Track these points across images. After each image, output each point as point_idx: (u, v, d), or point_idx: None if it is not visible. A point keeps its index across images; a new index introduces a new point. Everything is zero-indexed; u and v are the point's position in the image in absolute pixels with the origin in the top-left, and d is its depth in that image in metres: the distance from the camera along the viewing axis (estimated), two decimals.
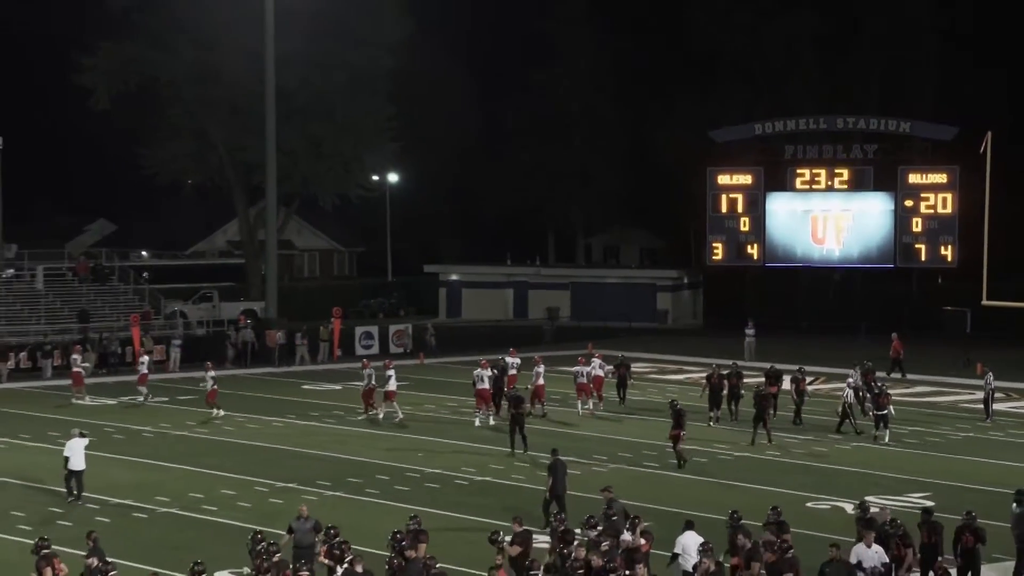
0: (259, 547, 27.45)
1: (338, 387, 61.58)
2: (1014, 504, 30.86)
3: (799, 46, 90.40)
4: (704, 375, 54.25)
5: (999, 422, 52.37)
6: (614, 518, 30.89)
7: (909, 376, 60.45)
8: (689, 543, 31.41)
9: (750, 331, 70.59)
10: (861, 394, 50.96)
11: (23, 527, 35.13)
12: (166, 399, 58.23)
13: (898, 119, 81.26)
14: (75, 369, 59.06)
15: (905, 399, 55.29)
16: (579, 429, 50.51)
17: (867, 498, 33.67)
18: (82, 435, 40.70)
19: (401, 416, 52.23)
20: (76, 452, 40.13)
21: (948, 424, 52.14)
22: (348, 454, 45.68)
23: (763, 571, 28.15)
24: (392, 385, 53.29)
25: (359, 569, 25.63)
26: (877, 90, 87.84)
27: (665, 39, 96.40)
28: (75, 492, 39.57)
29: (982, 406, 52.32)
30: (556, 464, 36.18)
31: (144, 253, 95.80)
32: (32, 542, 28.30)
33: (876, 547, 26.98)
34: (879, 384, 50.43)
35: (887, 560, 26.90)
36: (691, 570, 30.70)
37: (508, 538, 28.48)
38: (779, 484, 41.13)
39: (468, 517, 35.65)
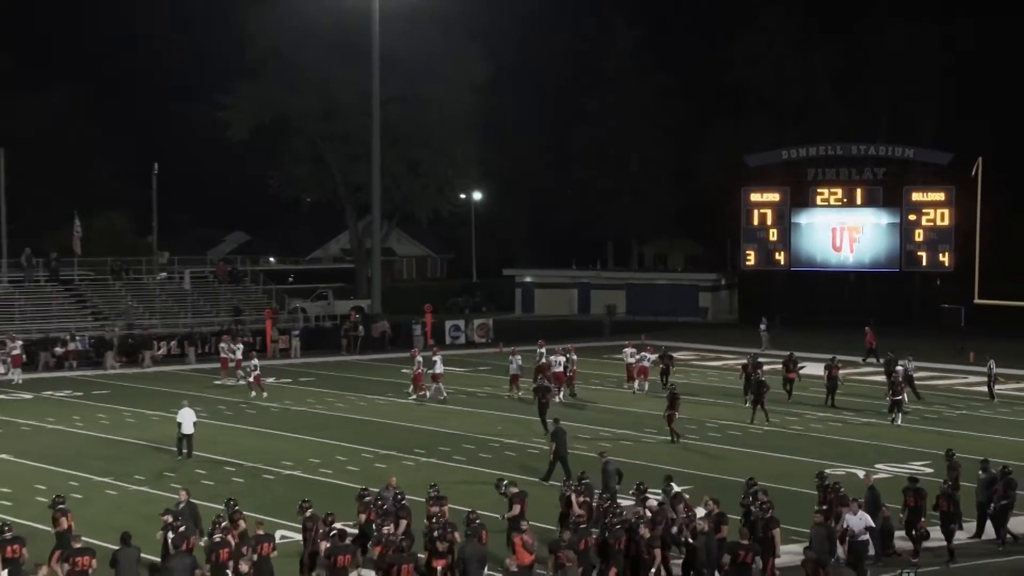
0: (367, 499, 27.98)
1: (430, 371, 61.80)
2: (980, 472, 30.75)
3: (819, 83, 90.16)
4: (740, 363, 53.78)
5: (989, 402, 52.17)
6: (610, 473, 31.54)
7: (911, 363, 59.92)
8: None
9: (763, 327, 70.18)
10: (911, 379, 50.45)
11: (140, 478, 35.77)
12: (289, 380, 58.44)
13: (903, 146, 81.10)
14: (223, 356, 59.49)
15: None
16: (631, 407, 50.36)
17: (877, 465, 33.58)
18: (191, 406, 41.50)
19: (445, 396, 52.26)
20: (186, 419, 40.93)
21: (944, 404, 51.76)
22: (439, 426, 45.70)
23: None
24: (439, 368, 53.35)
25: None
26: (886, 121, 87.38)
27: (705, 76, 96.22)
28: (184, 451, 40.30)
29: (985, 388, 51.95)
30: (558, 431, 36.46)
31: (271, 259, 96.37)
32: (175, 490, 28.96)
33: (861, 513, 26.58)
34: (896, 373, 49.43)
35: (872, 524, 26.50)
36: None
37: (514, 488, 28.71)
38: (801, 454, 40.95)
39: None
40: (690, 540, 26.00)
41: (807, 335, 69.45)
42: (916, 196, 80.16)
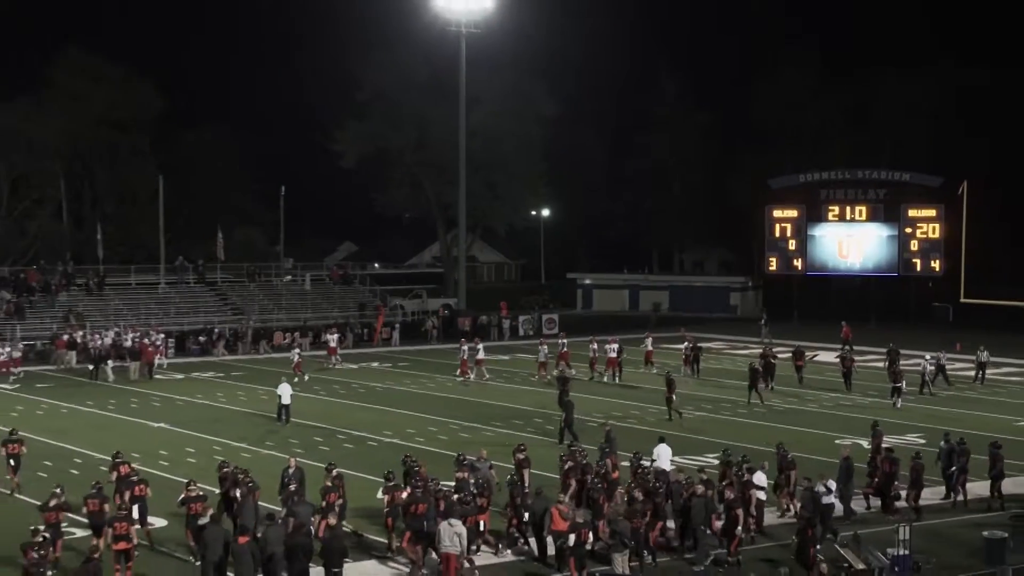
0: (464, 462, 28.17)
1: (507, 357, 61.96)
2: (943, 442, 30.98)
3: (831, 119, 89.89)
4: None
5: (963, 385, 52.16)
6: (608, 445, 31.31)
7: (906, 351, 59.59)
8: (662, 452, 31.53)
9: (763, 322, 71.00)
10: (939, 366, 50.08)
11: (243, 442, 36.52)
12: (390, 365, 58.95)
13: (900, 171, 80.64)
14: (331, 344, 60.30)
15: (907, 369, 54.54)
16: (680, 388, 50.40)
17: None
18: (287, 381, 43.69)
19: (488, 377, 52.74)
20: (285, 392, 42.32)
21: (936, 386, 51.68)
22: (512, 403, 45.93)
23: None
24: (481, 355, 53.91)
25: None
26: (887, 149, 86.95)
27: (735, 114, 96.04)
28: (283, 418, 41.50)
29: (971, 373, 51.63)
30: (567, 403, 37.13)
31: (376, 265, 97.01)
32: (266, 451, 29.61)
33: (829, 480, 26.71)
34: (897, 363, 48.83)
35: (833, 489, 26.57)
36: (667, 467, 30.38)
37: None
38: (816, 427, 41.20)
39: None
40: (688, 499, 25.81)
41: (820, 329, 69.36)
42: (912, 212, 79.75)
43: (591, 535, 24.57)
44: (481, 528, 25.65)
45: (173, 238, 75.68)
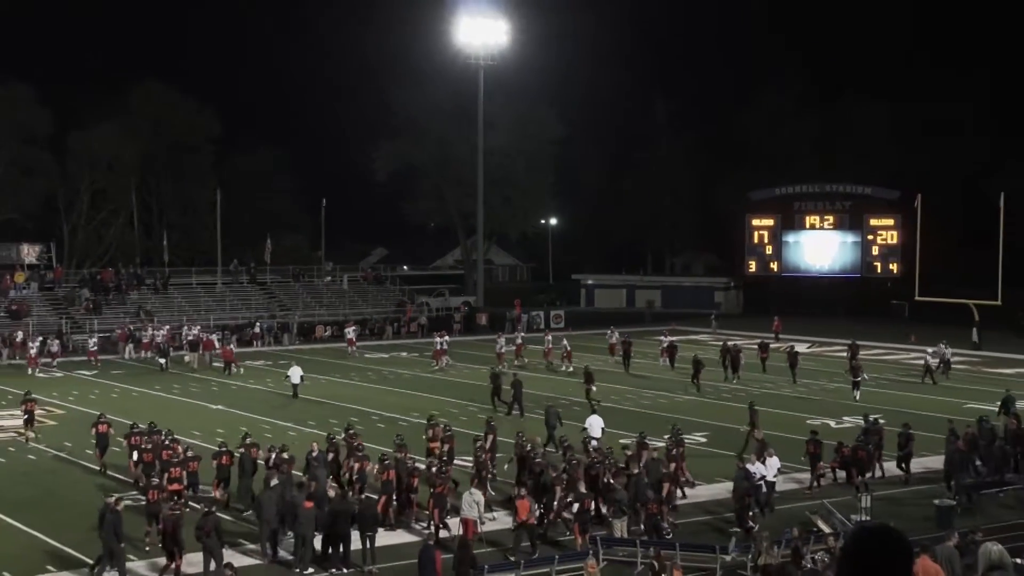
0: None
1: (539, 347, 61.94)
2: (863, 422, 31.61)
3: (804, 140, 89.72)
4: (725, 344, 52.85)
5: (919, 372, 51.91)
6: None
7: (867, 343, 59.41)
8: (594, 423, 32.06)
9: (712, 318, 71.90)
10: (937, 357, 49.15)
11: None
12: (416, 354, 58.93)
13: (863, 186, 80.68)
14: (349, 336, 60.39)
15: (869, 358, 54.49)
16: (658, 373, 50.48)
17: (844, 417, 33.60)
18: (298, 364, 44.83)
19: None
20: (295, 373, 43.59)
21: (893, 373, 51.66)
22: (537, 389, 45.19)
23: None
24: (501, 348, 53.70)
25: None
26: (851, 165, 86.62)
27: (720, 135, 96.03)
28: (295, 396, 42.58)
29: (933, 364, 49.26)
30: (549, 409, 35.34)
31: (405, 267, 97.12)
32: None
33: (769, 460, 26.53)
34: (858, 358, 48.29)
35: (765, 473, 26.31)
36: (598, 436, 31.03)
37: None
38: (791, 408, 41.22)
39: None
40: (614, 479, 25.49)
41: (793, 323, 69.30)
42: (873, 222, 79.81)
43: (592, 504, 24.64)
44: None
45: (228, 244, 75.81)
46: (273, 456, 27.04)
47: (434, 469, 25.64)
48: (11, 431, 36.92)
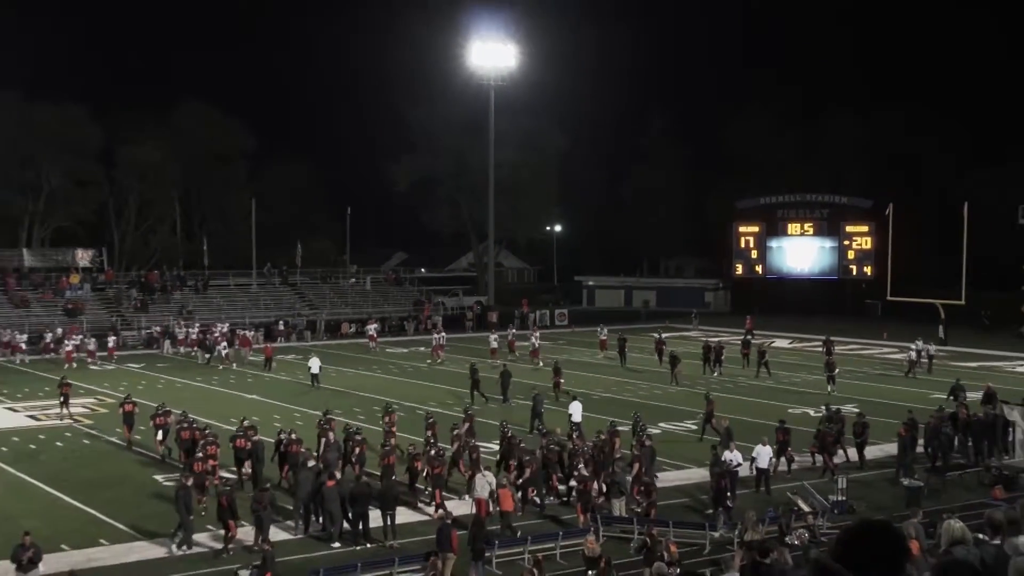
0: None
1: (525, 344, 61.58)
2: (823, 411, 31.57)
3: (786, 154, 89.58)
4: (708, 341, 52.33)
5: (891, 365, 51.94)
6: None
7: (844, 339, 59.28)
8: (574, 408, 32.59)
9: (694, 314, 72.03)
10: (921, 355, 48.59)
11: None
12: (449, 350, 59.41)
13: (840, 196, 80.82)
14: (370, 333, 60.29)
15: (845, 353, 54.50)
16: (652, 367, 50.35)
17: (822, 406, 33.54)
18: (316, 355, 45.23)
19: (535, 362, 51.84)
20: (314, 364, 44.16)
21: (869, 366, 51.73)
22: (533, 380, 44.62)
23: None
24: (493, 344, 53.95)
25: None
26: (829, 177, 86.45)
27: (710, 148, 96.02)
28: (316, 384, 42.86)
29: (905, 358, 49.48)
30: (536, 396, 35.24)
31: (422, 270, 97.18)
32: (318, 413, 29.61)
33: (737, 452, 26.28)
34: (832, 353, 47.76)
35: (741, 460, 26.15)
36: (579, 420, 31.75)
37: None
38: (773, 399, 41.26)
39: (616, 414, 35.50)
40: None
41: (776, 320, 69.40)
42: (849, 228, 79.81)
43: (595, 485, 24.71)
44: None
45: (262, 248, 75.95)
46: (283, 438, 27.54)
47: (432, 452, 25.69)
48: (66, 419, 37.17)
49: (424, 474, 25.44)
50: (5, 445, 32.90)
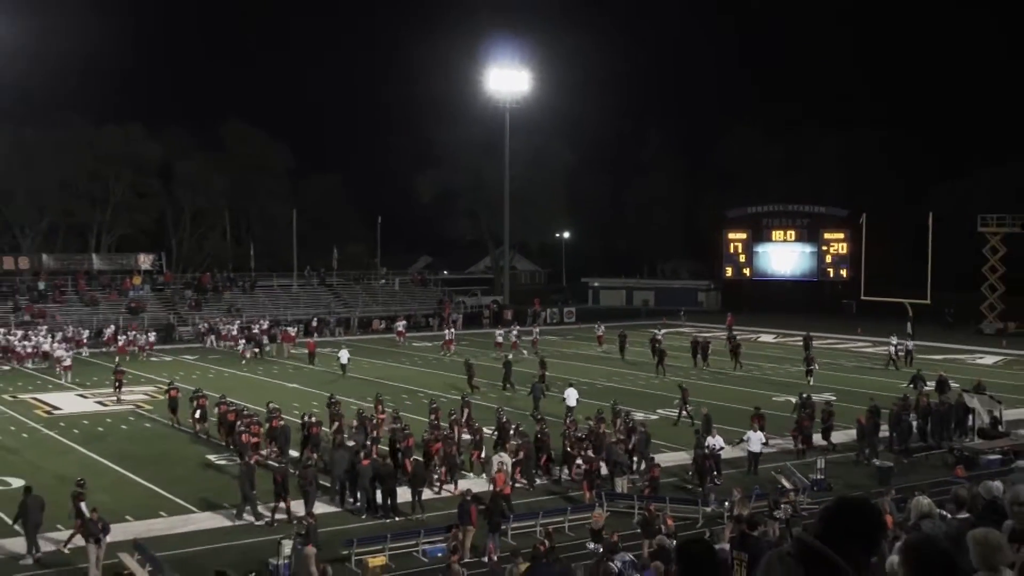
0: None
1: (530, 337, 61.65)
2: (796, 399, 31.46)
3: (770, 167, 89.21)
4: (695, 337, 52.42)
5: (864, 358, 51.70)
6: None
7: (822, 334, 59.11)
8: (569, 394, 32.86)
9: (682, 312, 72.17)
10: (899, 349, 47.65)
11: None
12: (462, 344, 59.07)
13: (818, 206, 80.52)
14: (399, 329, 60.47)
15: (823, 347, 54.38)
16: (649, 359, 50.06)
17: (803, 394, 33.56)
18: (346, 347, 45.65)
19: (525, 355, 51.31)
20: (343, 355, 44.42)
21: (843, 358, 51.57)
22: (562, 372, 45.59)
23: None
24: (512, 337, 53.86)
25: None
26: (809, 187, 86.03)
27: (703, 162, 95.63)
28: (344, 373, 43.14)
29: (894, 353, 48.23)
30: (535, 384, 35.69)
31: (445, 272, 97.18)
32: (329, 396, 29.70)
33: (719, 437, 26.17)
34: (811, 348, 47.80)
35: (723, 444, 26.19)
36: (573, 404, 32.12)
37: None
38: (759, 388, 41.11)
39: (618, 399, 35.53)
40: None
41: (761, 318, 69.31)
42: (827, 235, 79.43)
43: (600, 465, 24.75)
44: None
45: (302, 253, 76.15)
46: (307, 420, 28.15)
47: (445, 435, 25.94)
48: (130, 403, 37.38)
49: (437, 455, 25.42)
50: (77, 427, 33.13)
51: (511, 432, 26.48)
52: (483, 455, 26.56)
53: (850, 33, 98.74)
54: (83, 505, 20.09)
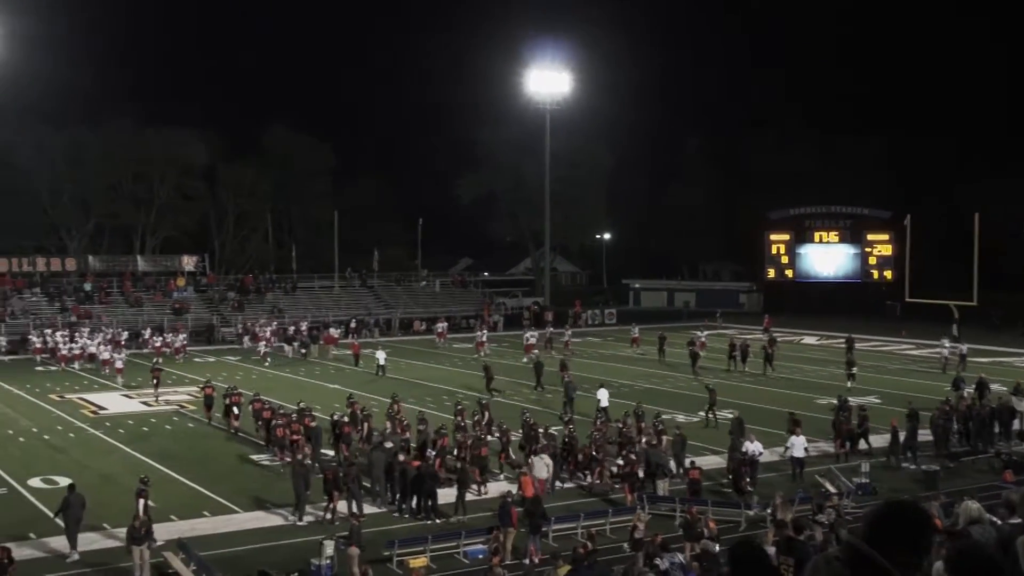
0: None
1: (579, 340, 61.42)
2: (835, 401, 31.40)
3: (813, 169, 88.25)
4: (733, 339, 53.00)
5: (910, 360, 51.00)
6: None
7: (865, 336, 58.42)
8: (602, 393, 32.90)
9: (718, 313, 71.62)
10: (952, 352, 46.95)
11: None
12: (495, 344, 58.14)
13: (861, 207, 79.77)
14: (439, 330, 60.51)
15: (867, 349, 53.82)
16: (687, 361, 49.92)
17: (849, 398, 33.13)
18: (383, 348, 45.73)
19: (554, 355, 50.86)
20: (381, 356, 44.49)
21: (887, 361, 50.98)
22: (580, 371, 45.68)
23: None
24: (545, 338, 53.82)
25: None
26: (851, 189, 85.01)
27: (743, 164, 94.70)
28: (381, 374, 43.49)
29: (938, 356, 48.20)
30: (568, 384, 35.43)
31: (486, 273, 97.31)
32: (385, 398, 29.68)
33: (757, 443, 25.86)
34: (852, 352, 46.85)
35: (761, 449, 25.80)
36: (605, 404, 32.19)
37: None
38: (800, 390, 40.83)
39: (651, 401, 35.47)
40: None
41: (804, 320, 68.70)
42: (870, 236, 78.66)
43: (639, 467, 24.61)
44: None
45: (344, 254, 76.58)
46: (337, 418, 28.78)
47: (477, 436, 26.17)
48: (173, 404, 37.78)
49: (461, 456, 25.35)
50: (122, 427, 33.53)
51: (540, 433, 26.48)
52: (510, 456, 26.65)
53: (893, 32, 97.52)
54: (142, 504, 20.54)
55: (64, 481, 23.90)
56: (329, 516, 22.44)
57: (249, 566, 18.96)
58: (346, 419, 28.73)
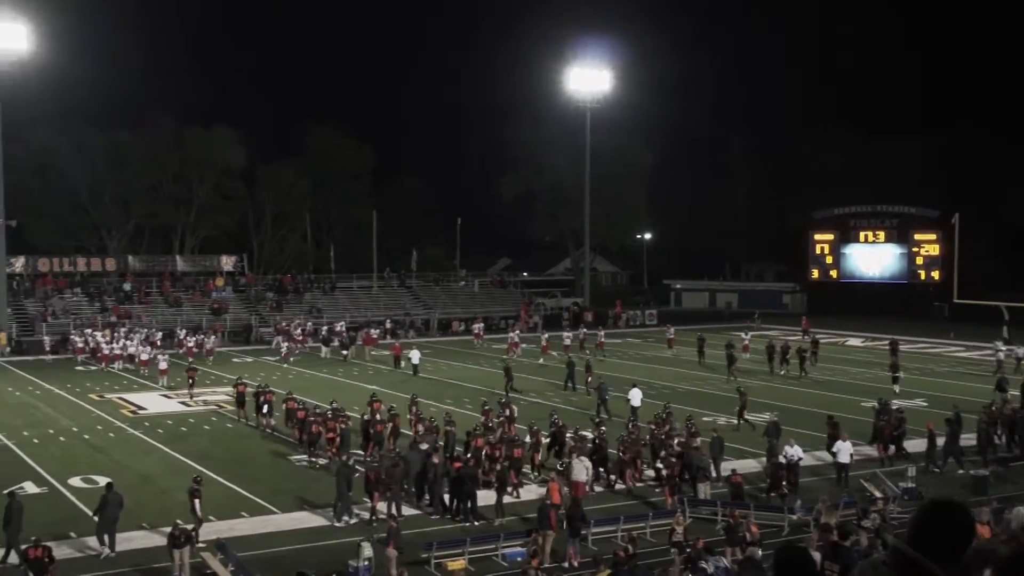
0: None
1: (619, 341, 61.39)
2: (876, 404, 30.92)
3: (858, 168, 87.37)
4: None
5: (957, 363, 50.24)
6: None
7: (912, 338, 57.74)
8: (634, 394, 32.95)
9: (756, 315, 70.67)
10: (1009, 355, 46.06)
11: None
12: (534, 345, 56.97)
13: (908, 206, 78.72)
14: (476, 331, 60.51)
15: (914, 351, 53.17)
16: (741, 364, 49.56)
17: (894, 401, 32.70)
18: (418, 348, 45.83)
19: (588, 355, 50.43)
20: (415, 356, 45.21)
21: (934, 363, 50.29)
22: (615, 372, 45.28)
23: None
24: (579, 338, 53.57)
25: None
26: (897, 188, 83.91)
27: (789, 164, 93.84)
28: (416, 374, 43.81)
29: (963, 354, 48.32)
30: (600, 385, 35.33)
31: (524, 274, 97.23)
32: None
33: (797, 447, 25.42)
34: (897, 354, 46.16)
35: (801, 454, 25.35)
36: (637, 405, 32.25)
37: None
38: (845, 392, 40.38)
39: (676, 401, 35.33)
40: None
41: (849, 321, 67.93)
42: (917, 236, 77.50)
43: (678, 470, 24.43)
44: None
45: (382, 254, 76.89)
46: (366, 417, 29.12)
47: (511, 438, 26.14)
48: (212, 404, 38.09)
49: (497, 457, 25.20)
50: (161, 427, 33.84)
51: (570, 436, 26.40)
52: (540, 457, 26.68)
53: (937, 32, 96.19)
54: (197, 503, 21.04)
55: (103, 481, 24.14)
56: (370, 516, 22.50)
57: (287, 567, 19.03)
58: (378, 417, 28.89)
